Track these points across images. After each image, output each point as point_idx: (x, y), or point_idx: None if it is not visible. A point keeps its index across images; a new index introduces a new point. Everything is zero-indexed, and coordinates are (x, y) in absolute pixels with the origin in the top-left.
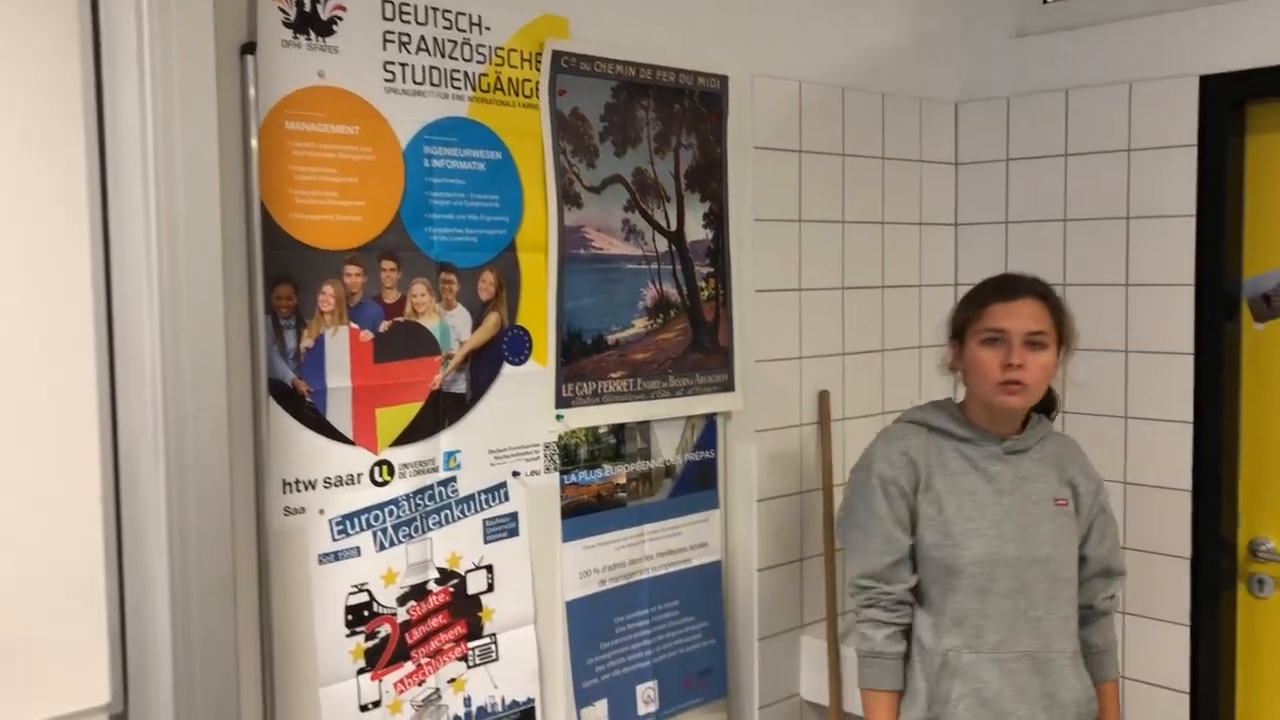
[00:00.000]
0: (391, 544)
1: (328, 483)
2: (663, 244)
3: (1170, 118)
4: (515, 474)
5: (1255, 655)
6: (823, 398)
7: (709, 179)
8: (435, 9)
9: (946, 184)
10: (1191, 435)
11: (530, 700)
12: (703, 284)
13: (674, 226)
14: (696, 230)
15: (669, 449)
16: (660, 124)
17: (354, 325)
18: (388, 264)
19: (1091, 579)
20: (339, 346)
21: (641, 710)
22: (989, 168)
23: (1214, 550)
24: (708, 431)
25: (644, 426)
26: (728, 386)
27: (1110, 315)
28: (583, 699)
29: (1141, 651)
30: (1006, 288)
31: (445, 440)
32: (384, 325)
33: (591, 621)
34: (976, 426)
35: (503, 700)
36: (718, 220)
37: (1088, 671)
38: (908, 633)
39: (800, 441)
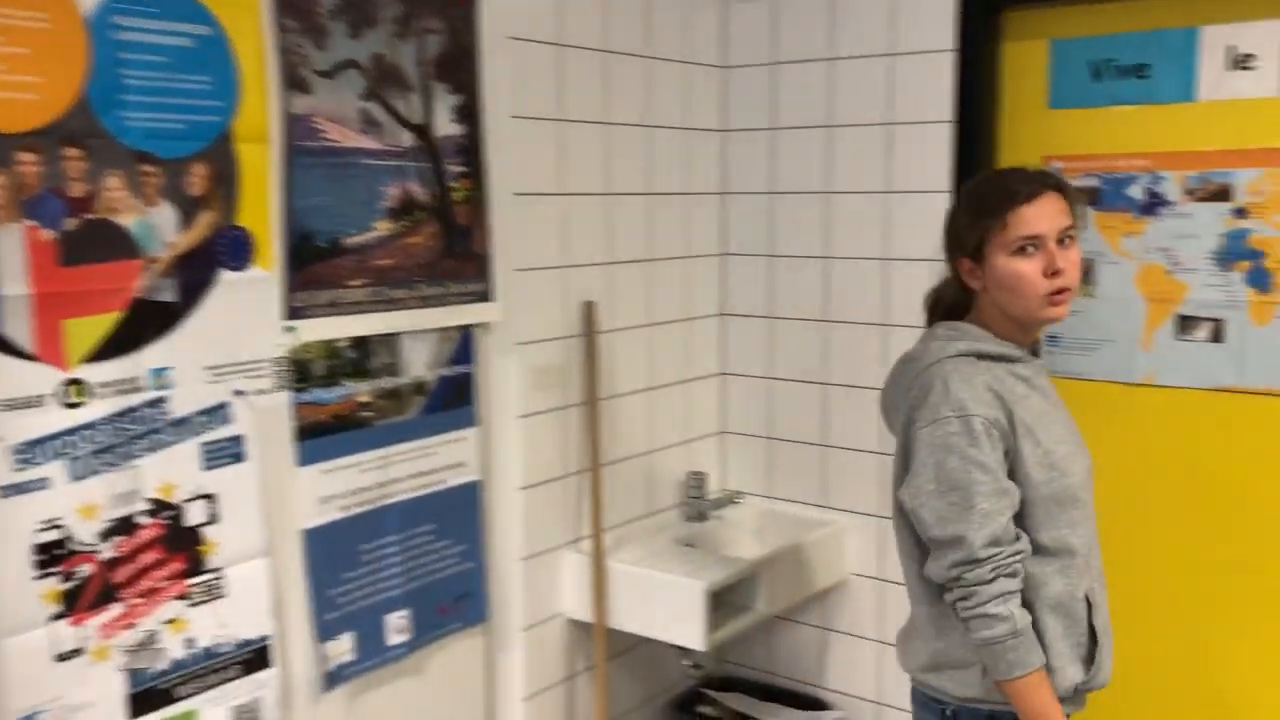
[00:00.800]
0: (90, 474)
1: (6, 405)
2: (408, 138)
3: (930, 22)
4: (239, 393)
5: None
6: (588, 308)
7: (460, 70)
8: None
9: (714, 88)
10: None
11: (265, 637)
12: (455, 184)
13: (420, 120)
14: (446, 125)
15: (420, 364)
16: (401, 4)
17: (31, 222)
18: (72, 151)
19: None
20: (12, 246)
21: (393, 640)
22: (757, 71)
23: None
24: (463, 345)
25: (391, 340)
26: (485, 296)
27: (871, 223)
28: (325, 632)
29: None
30: (1025, 187)
31: (152, 355)
32: (70, 223)
33: (333, 551)
34: (1013, 344)
35: (233, 639)
36: (471, 115)
37: None
38: None
39: (565, 354)
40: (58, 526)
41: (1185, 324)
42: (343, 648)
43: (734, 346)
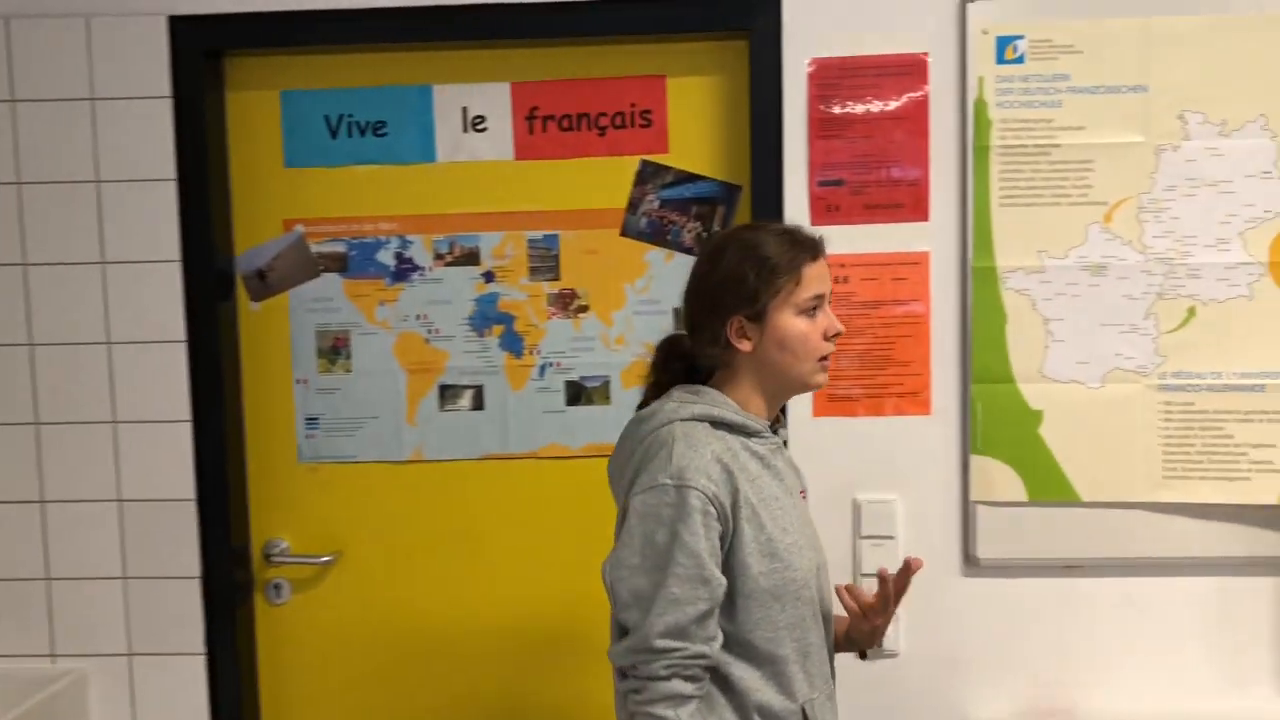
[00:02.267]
0: None
1: None
2: None
3: (140, 64)
4: None
5: (276, 668)
6: None
7: None
8: None
9: None
10: (192, 435)
11: None
12: None
13: None
14: None
15: None
16: None
17: None
18: None
19: None
20: None
21: None
22: None
23: (227, 563)
24: None
25: None
26: None
27: (89, 300)
28: None
29: (154, 695)
30: (809, 242)
31: None
32: None
33: None
34: (755, 416)
35: None
36: None
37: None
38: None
39: None
40: None
41: (448, 394)
42: None
43: None
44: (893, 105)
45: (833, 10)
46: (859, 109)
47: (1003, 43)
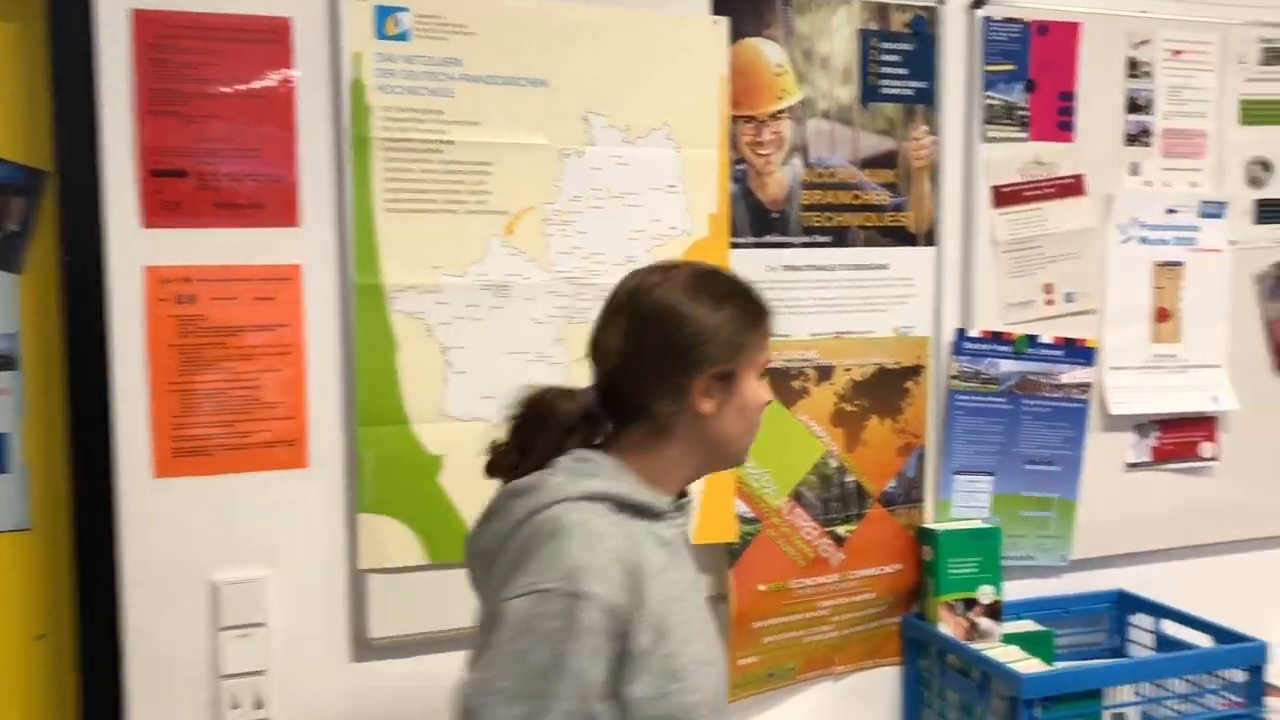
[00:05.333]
0: None
1: None
2: None
3: None
4: None
5: None
6: None
7: None
8: None
9: None
10: None
11: None
12: None
13: None
14: None
15: None
16: None
17: None
18: None
19: None
20: None
21: None
22: None
23: None
24: None
25: None
26: None
27: None
28: None
29: None
30: (762, 298)
31: None
32: None
33: None
34: (660, 493)
35: None
36: None
37: None
38: None
39: None
40: None
41: None
42: None
43: None
44: (249, 80)
45: None
46: (204, 81)
47: (383, 13)
